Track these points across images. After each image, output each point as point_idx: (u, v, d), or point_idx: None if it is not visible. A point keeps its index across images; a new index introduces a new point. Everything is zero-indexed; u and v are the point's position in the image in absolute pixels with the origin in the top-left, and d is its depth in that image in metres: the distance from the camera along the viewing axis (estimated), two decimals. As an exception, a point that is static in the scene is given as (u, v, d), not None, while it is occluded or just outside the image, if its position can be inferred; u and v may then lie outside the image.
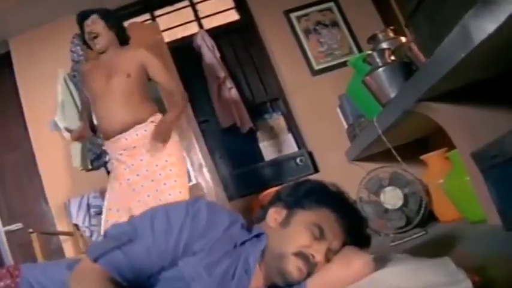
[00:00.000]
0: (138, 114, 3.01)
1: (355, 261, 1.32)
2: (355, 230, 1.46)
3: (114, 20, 3.18)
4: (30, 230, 3.74)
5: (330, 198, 1.50)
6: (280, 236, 1.42)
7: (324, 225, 1.40)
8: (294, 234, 1.41)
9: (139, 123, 2.99)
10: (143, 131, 2.98)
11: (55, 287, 1.41)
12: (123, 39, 3.21)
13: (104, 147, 3.07)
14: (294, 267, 1.35)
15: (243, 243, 1.48)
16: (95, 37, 3.07)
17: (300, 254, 1.36)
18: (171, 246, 1.39)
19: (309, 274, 1.36)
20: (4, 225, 4.53)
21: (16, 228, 4.43)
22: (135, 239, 1.39)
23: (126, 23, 4.75)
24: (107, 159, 4.01)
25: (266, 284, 1.43)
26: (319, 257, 1.36)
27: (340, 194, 1.54)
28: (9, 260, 4.24)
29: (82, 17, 3.12)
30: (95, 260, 1.35)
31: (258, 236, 1.49)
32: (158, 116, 3.06)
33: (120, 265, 1.35)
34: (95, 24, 3.08)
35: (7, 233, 4.47)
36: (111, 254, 1.36)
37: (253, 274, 1.43)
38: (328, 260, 1.37)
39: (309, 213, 1.44)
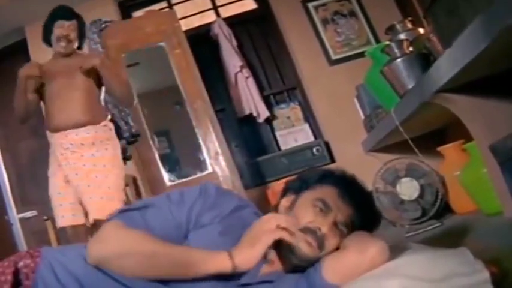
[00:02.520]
0: (93, 114, 3.14)
1: (371, 247, 1.32)
2: (360, 204, 1.48)
3: (84, 32, 3.37)
4: (45, 217, 3.76)
5: (332, 175, 1.54)
6: None
7: (327, 199, 1.44)
8: (299, 213, 1.45)
9: (92, 124, 3.10)
10: (94, 132, 3.09)
11: (75, 265, 1.42)
12: (80, 45, 3.36)
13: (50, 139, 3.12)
14: (302, 242, 1.37)
15: None
16: (69, 41, 3.19)
17: (306, 229, 1.39)
18: (184, 218, 1.42)
19: (320, 248, 1.38)
20: (18, 212, 4.57)
21: (31, 215, 4.46)
22: (152, 206, 1.44)
23: (143, 11, 4.82)
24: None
25: (286, 268, 1.44)
26: (325, 229, 1.39)
27: (343, 172, 1.57)
28: (23, 247, 4.29)
29: (62, 16, 3.21)
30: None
31: None
32: (109, 123, 3.23)
33: (137, 224, 1.38)
34: (72, 31, 3.22)
35: (21, 220, 4.52)
36: (129, 213, 1.42)
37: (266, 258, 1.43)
38: (338, 234, 1.41)
39: (312, 192, 1.49)
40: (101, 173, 3.03)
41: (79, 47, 3.34)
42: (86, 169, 3.01)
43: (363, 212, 1.48)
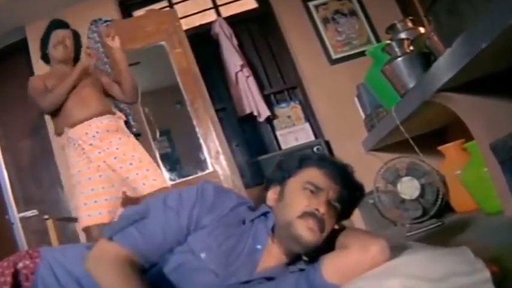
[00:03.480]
0: (109, 106, 3.33)
1: (372, 246, 1.32)
2: (344, 178, 1.50)
3: (80, 44, 3.45)
4: (46, 217, 3.75)
5: (311, 158, 1.56)
6: (281, 209, 1.47)
7: (315, 180, 1.46)
8: (291, 200, 1.45)
9: (110, 113, 3.23)
10: (114, 121, 3.21)
11: (74, 266, 1.43)
12: (77, 57, 3.41)
13: (68, 136, 3.13)
14: (303, 228, 1.38)
15: (251, 221, 1.52)
16: (65, 46, 3.28)
17: (304, 214, 1.39)
18: (184, 223, 1.43)
19: (321, 230, 1.39)
20: (19, 211, 4.56)
21: (31, 214, 4.45)
22: (148, 217, 1.43)
23: (143, 10, 4.82)
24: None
25: (289, 257, 1.45)
26: (322, 209, 1.39)
27: (319, 154, 1.60)
28: (24, 246, 4.27)
29: (57, 26, 3.33)
30: (111, 239, 1.39)
31: (265, 214, 1.52)
32: (121, 115, 3.36)
33: (136, 241, 1.39)
34: (68, 38, 3.32)
35: (22, 219, 4.50)
36: (126, 230, 1.41)
37: (265, 249, 1.45)
38: (334, 213, 1.44)
39: (297, 178, 1.50)
40: (136, 151, 3.19)
41: (76, 59, 3.40)
42: (121, 150, 3.12)
43: (348, 186, 1.50)
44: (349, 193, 1.49)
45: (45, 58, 3.39)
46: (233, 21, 5.07)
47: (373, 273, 1.28)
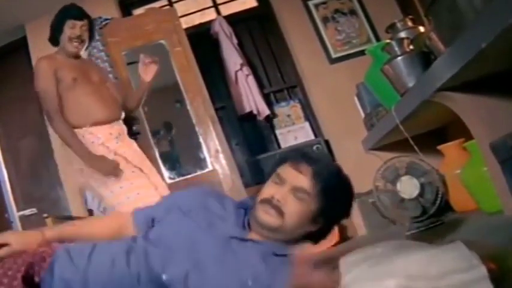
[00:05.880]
0: (120, 112, 3.32)
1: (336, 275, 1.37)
2: (316, 168, 1.60)
3: (94, 33, 3.39)
4: (45, 215, 3.75)
5: (286, 155, 1.72)
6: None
7: (281, 173, 1.62)
8: (261, 191, 1.66)
9: (120, 119, 3.29)
10: (123, 125, 3.30)
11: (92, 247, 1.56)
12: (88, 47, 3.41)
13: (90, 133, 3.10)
14: (260, 211, 1.57)
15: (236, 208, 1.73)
16: (81, 41, 3.18)
17: (262, 201, 1.59)
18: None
19: (280, 214, 1.55)
20: (18, 210, 4.57)
21: (30, 213, 4.46)
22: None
23: (143, 8, 4.82)
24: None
25: (263, 239, 1.60)
26: (278, 195, 1.57)
27: (302, 150, 1.79)
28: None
29: (75, 15, 3.16)
30: None
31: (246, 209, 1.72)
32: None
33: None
34: (85, 32, 3.20)
35: (21, 217, 4.51)
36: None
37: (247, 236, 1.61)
38: (299, 200, 1.57)
39: (273, 173, 1.67)
40: (144, 157, 3.30)
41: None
42: (138, 154, 3.26)
43: (320, 174, 1.59)
44: (322, 181, 1.57)
45: (54, 41, 3.26)
46: (233, 20, 5.07)
47: (370, 274, 1.28)
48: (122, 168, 3.03)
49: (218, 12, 5.21)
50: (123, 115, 3.33)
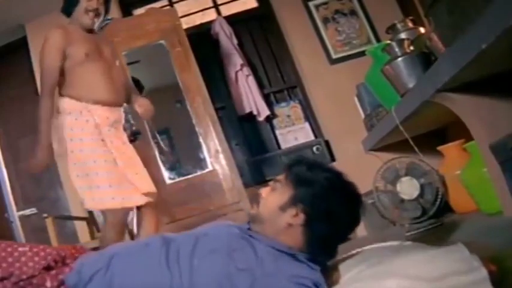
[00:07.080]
0: (128, 95, 3.23)
1: None
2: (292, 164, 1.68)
3: (110, 7, 3.23)
4: (45, 215, 3.75)
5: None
6: None
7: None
8: None
9: (128, 103, 3.23)
10: (121, 112, 3.14)
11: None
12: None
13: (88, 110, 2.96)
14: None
15: None
16: (97, 15, 3.05)
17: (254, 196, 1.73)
18: None
19: (257, 204, 1.65)
20: (18, 210, 4.57)
21: (30, 213, 4.45)
22: None
23: (144, 8, 4.81)
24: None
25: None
26: (262, 192, 1.67)
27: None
28: (23, 244, 4.28)
29: None
30: None
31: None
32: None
33: None
34: (101, 5, 3.06)
35: (21, 217, 4.51)
36: None
37: None
38: (271, 190, 1.65)
39: None
40: (132, 150, 3.15)
41: None
42: (126, 147, 3.10)
43: (294, 165, 1.66)
44: (293, 173, 1.63)
45: (67, 12, 3.12)
46: (233, 20, 5.08)
47: (370, 274, 1.28)
48: (106, 157, 2.91)
49: (218, 12, 5.21)
50: (125, 105, 3.23)
